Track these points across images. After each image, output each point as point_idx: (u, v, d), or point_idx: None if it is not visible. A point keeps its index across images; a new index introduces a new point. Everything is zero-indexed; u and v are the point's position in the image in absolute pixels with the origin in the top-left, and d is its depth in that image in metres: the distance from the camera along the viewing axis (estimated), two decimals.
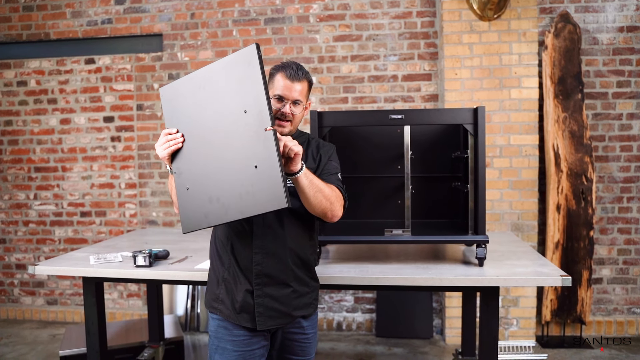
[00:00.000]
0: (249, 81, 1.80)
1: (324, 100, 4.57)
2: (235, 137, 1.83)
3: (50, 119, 4.93)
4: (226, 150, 1.85)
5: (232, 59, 1.84)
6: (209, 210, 1.89)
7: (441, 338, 4.40)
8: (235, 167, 1.84)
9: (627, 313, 4.42)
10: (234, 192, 1.84)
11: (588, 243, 4.12)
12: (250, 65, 1.79)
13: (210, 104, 1.89)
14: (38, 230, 5.02)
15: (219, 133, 1.87)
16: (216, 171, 1.88)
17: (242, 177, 1.82)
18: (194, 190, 1.92)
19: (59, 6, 4.85)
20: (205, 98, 1.89)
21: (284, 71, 2.03)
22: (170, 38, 4.73)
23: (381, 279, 2.29)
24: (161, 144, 1.93)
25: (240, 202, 1.84)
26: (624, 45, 4.30)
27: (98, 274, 2.56)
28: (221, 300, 2.02)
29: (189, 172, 1.93)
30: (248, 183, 1.82)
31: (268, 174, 1.78)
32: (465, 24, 4.11)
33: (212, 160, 1.88)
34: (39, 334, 4.65)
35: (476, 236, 2.43)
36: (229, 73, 1.85)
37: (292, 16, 4.58)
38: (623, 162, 4.35)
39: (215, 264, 2.09)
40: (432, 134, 2.91)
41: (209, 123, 1.89)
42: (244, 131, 1.81)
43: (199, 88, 1.91)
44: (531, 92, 4.09)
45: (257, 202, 1.81)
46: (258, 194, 1.81)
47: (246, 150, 1.81)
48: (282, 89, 2.02)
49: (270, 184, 1.79)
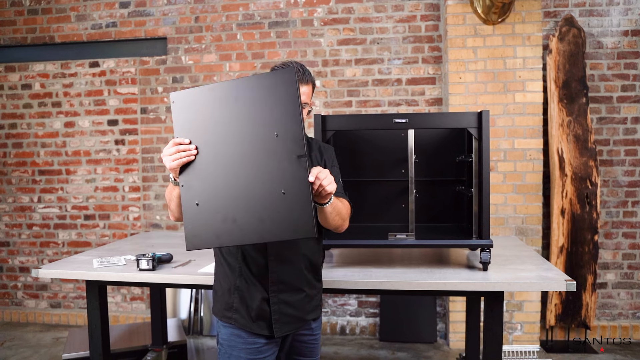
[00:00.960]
0: (284, 105, 1.76)
1: (328, 103, 4.57)
2: (262, 159, 1.77)
3: (55, 122, 4.94)
4: (249, 171, 1.78)
5: (267, 79, 1.79)
6: (222, 230, 1.81)
7: (445, 342, 4.38)
8: (259, 190, 1.78)
9: (632, 318, 4.39)
10: (254, 215, 1.78)
11: (592, 247, 4.10)
12: (287, 89, 1.76)
13: (235, 120, 1.80)
14: (42, 233, 5.03)
15: (243, 152, 1.79)
16: (235, 191, 1.80)
17: (265, 200, 1.77)
18: (206, 207, 1.82)
19: (64, 9, 4.87)
20: (230, 113, 1.80)
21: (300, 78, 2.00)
22: (174, 41, 4.74)
23: (385, 284, 2.28)
24: (170, 154, 1.80)
25: (261, 226, 1.78)
26: (629, 49, 4.29)
27: (101, 278, 2.55)
28: (235, 309, 1.99)
29: (200, 187, 1.82)
30: (272, 208, 1.77)
31: (297, 202, 1.75)
32: (469, 28, 4.11)
33: (231, 179, 1.80)
34: (42, 337, 4.65)
35: (480, 240, 2.42)
36: (262, 92, 1.79)
37: (297, 20, 4.58)
38: (628, 166, 4.33)
39: (223, 272, 2.04)
40: (436, 137, 2.91)
41: (231, 140, 1.80)
42: (274, 154, 1.76)
43: (222, 101, 1.82)
44: (535, 96, 4.08)
45: (281, 229, 1.78)
46: (283, 220, 1.77)
47: (273, 174, 1.77)
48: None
49: (299, 212, 1.76)
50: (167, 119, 4.77)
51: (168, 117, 4.77)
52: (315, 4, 4.55)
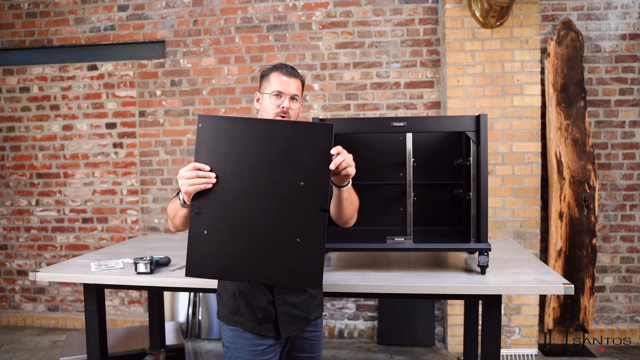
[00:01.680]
0: (315, 157, 1.78)
1: (326, 107, 4.57)
2: (282, 204, 1.79)
3: (53, 125, 4.94)
4: (267, 213, 1.79)
5: (305, 128, 1.81)
6: (227, 265, 1.81)
7: (443, 346, 4.38)
8: (273, 233, 1.79)
9: (630, 321, 4.39)
10: (264, 256, 1.79)
11: (591, 251, 4.10)
12: (323, 143, 1.78)
13: (262, 159, 1.79)
14: (40, 236, 5.02)
15: (264, 193, 1.79)
16: (248, 228, 1.79)
17: (278, 245, 1.79)
18: (214, 238, 1.80)
19: (62, 12, 4.87)
20: (258, 150, 1.79)
21: (279, 70, 2.09)
22: (172, 45, 4.74)
23: (383, 287, 2.28)
24: (188, 178, 1.76)
25: (268, 268, 1.80)
26: (627, 52, 4.30)
27: (99, 281, 2.55)
28: (241, 313, 2.03)
29: (212, 217, 1.79)
30: (284, 253, 1.78)
31: (310, 252, 1.78)
32: (467, 32, 4.11)
33: (246, 216, 1.79)
34: (40, 340, 4.64)
35: (478, 244, 2.42)
36: (296, 139, 1.80)
37: (295, 23, 4.59)
38: (626, 170, 4.34)
39: (224, 284, 2.10)
40: (434, 141, 2.90)
41: (254, 177, 1.79)
42: (296, 202, 1.78)
43: (253, 137, 1.79)
44: (533, 100, 4.09)
45: (289, 275, 1.80)
46: (293, 267, 1.79)
47: (291, 221, 1.79)
48: (280, 84, 2.06)
49: (310, 263, 1.79)
50: (165, 122, 4.77)
51: (166, 121, 4.77)
52: (313, 7, 4.56)
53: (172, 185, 4.78)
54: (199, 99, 4.72)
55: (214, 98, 4.70)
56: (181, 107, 4.75)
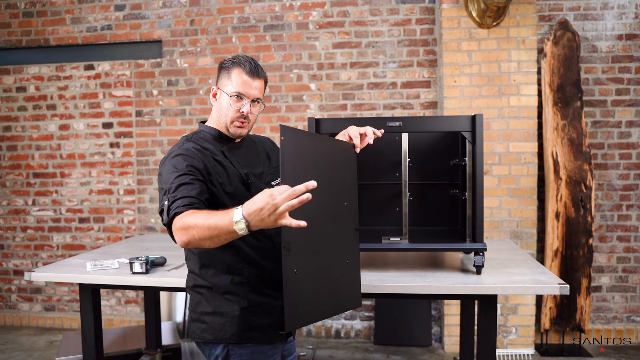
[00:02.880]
0: (353, 176, 1.76)
1: (323, 107, 4.57)
2: (337, 226, 1.66)
3: (49, 125, 4.93)
4: (331, 236, 1.63)
5: (349, 146, 1.81)
6: (312, 305, 1.58)
7: (440, 346, 4.38)
8: (335, 258, 1.65)
9: (626, 321, 4.40)
10: (331, 286, 1.65)
11: (587, 251, 4.10)
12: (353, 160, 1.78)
13: (327, 179, 1.62)
14: (36, 236, 5.01)
15: (327, 216, 1.62)
16: (321, 257, 1.60)
17: (339, 270, 1.68)
18: (302, 275, 1.54)
19: (59, 12, 4.86)
20: (325, 170, 1.63)
21: (242, 66, 1.88)
22: (169, 44, 4.73)
23: (378, 287, 2.28)
24: (287, 201, 1.39)
25: (335, 297, 1.65)
26: (623, 53, 4.30)
27: (94, 281, 2.54)
28: (255, 327, 1.86)
29: (299, 250, 1.52)
30: (341, 278, 1.69)
31: (355, 273, 1.76)
32: (464, 32, 4.12)
33: (319, 243, 1.57)
34: (36, 340, 4.63)
35: (474, 244, 2.42)
36: (344, 158, 1.74)
37: (292, 23, 4.59)
38: (622, 170, 4.34)
39: (224, 301, 1.88)
40: (430, 141, 2.91)
41: (322, 200, 1.57)
42: (343, 223, 1.70)
43: (324, 155, 1.64)
44: (530, 100, 4.09)
45: (347, 299, 1.71)
46: (348, 291, 1.70)
47: (342, 242, 1.70)
48: (242, 85, 1.87)
49: (356, 283, 1.76)
50: (162, 122, 4.76)
51: (163, 120, 4.76)
52: (310, 7, 4.56)
53: None
54: (195, 99, 4.72)
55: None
56: (178, 107, 4.74)
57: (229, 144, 1.97)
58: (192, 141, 1.91)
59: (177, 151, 1.85)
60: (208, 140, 1.94)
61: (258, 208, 1.43)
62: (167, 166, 1.81)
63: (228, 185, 1.85)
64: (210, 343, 1.89)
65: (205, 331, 1.88)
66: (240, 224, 1.46)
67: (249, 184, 1.89)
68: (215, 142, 1.94)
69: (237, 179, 1.88)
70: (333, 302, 1.71)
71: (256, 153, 2.05)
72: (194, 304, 1.93)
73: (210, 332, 1.87)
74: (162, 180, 1.80)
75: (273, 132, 4.61)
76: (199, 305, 1.91)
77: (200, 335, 1.89)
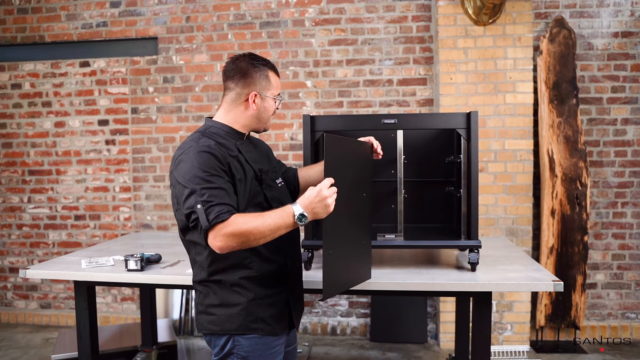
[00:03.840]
0: (370, 170, 2.18)
1: (319, 104, 4.57)
2: (359, 213, 2.07)
3: (45, 122, 4.92)
4: (353, 221, 2.02)
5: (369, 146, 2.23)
6: (348, 276, 2.05)
7: (436, 343, 4.39)
8: (355, 238, 2.06)
9: (621, 318, 4.41)
10: (354, 262, 2.08)
11: (582, 248, 4.12)
12: (370, 157, 2.21)
13: (355, 175, 2.02)
14: (32, 233, 5.00)
15: (353, 205, 2.02)
16: (350, 240, 2.02)
17: (357, 249, 2.09)
18: (336, 254, 1.91)
19: (54, 9, 4.84)
20: (353, 168, 2.01)
21: (273, 69, 2.06)
22: (165, 41, 4.72)
23: (373, 284, 2.28)
24: (331, 196, 1.79)
25: (360, 270, 2.13)
26: (619, 50, 4.31)
27: (89, 278, 2.54)
28: (261, 319, 1.93)
29: (333, 236, 1.89)
30: (359, 256, 2.12)
31: (368, 252, 2.19)
32: (460, 29, 4.12)
33: (348, 228, 2.00)
34: (32, 337, 4.63)
35: (469, 241, 2.43)
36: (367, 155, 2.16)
37: (288, 20, 4.58)
38: (617, 167, 4.35)
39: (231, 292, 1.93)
40: (426, 138, 2.91)
41: (350, 192, 1.97)
42: (362, 210, 2.10)
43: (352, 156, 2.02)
44: (526, 97, 4.10)
45: (359, 274, 2.14)
46: (361, 266, 2.14)
47: (360, 226, 2.09)
48: (279, 87, 2.08)
49: (369, 259, 2.22)
50: (158, 119, 4.75)
51: (159, 117, 4.75)
52: (306, 4, 4.55)
53: (165, 182, 4.76)
54: (191, 96, 4.71)
55: (207, 95, 4.69)
56: (174, 104, 4.74)
57: (240, 139, 2.03)
58: (207, 136, 1.94)
59: (199, 147, 1.86)
60: (222, 136, 1.97)
61: (312, 202, 1.76)
62: (191, 163, 1.82)
63: (244, 180, 1.92)
64: (217, 334, 1.94)
65: (212, 323, 1.93)
66: (302, 218, 1.76)
67: (261, 180, 1.99)
68: (229, 138, 1.99)
69: (251, 175, 1.96)
70: (354, 276, 2.08)
71: (261, 150, 2.15)
72: (201, 296, 1.98)
73: (216, 324, 1.92)
74: (184, 177, 1.82)
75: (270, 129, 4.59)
76: (207, 297, 1.95)
77: (207, 327, 1.94)
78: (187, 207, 1.79)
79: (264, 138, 4.58)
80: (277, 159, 2.30)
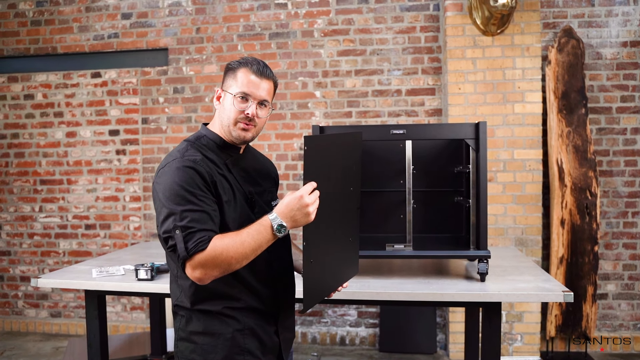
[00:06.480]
0: (358, 163, 1.97)
1: (328, 114, 4.59)
2: (343, 210, 1.91)
3: (56, 132, 4.97)
4: (338, 219, 1.88)
5: (356, 138, 1.97)
6: (327, 283, 1.85)
7: (445, 353, 4.37)
8: (339, 237, 1.91)
9: (632, 329, 4.37)
10: (340, 261, 1.92)
11: (593, 258, 4.09)
12: (359, 149, 1.98)
13: (339, 172, 1.84)
14: (43, 242, 5.04)
15: (337, 202, 1.84)
16: (332, 241, 1.84)
17: (342, 247, 1.93)
18: (317, 262, 1.71)
19: (67, 21, 4.91)
20: (338, 164, 1.83)
21: (248, 66, 1.75)
22: (175, 52, 4.77)
23: (382, 294, 2.29)
24: (313, 203, 1.60)
25: (344, 269, 1.95)
26: (628, 60, 4.31)
27: (100, 287, 2.56)
28: (247, 351, 1.75)
29: (314, 242, 1.68)
30: (345, 253, 1.95)
31: (356, 247, 2.02)
32: (468, 39, 4.13)
33: (330, 228, 1.79)
34: (42, 346, 4.65)
35: (478, 251, 2.42)
36: (353, 149, 1.95)
37: (297, 31, 4.61)
38: (627, 177, 4.33)
39: (218, 321, 1.75)
40: (434, 148, 2.92)
41: (333, 191, 1.78)
42: (348, 206, 1.93)
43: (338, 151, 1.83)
44: (535, 107, 4.10)
45: (344, 274, 1.96)
46: (345, 265, 1.96)
47: (347, 223, 1.94)
48: (248, 85, 1.72)
49: (356, 256, 2.04)
50: (168, 129, 4.79)
51: (169, 128, 4.79)
52: (315, 15, 4.58)
53: None
54: (201, 106, 4.74)
55: None
56: (184, 114, 4.77)
57: (232, 154, 1.81)
58: (195, 148, 1.74)
59: (183, 161, 1.66)
60: (211, 149, 1.77)
61: (291, 209, 1.59)
62: (172, 179, 1.64)
63: (232, 203, 1.73)
64: None
65: (194, 352, 1.74)
66: (281, 229, 1.59)
67: (253, 203, 1.80)
68: (218, 152, 1.78)
69: (241, 197, 1.76)
70: (338, 277, 1.91)
71: (259, 167, 1.94)
72: (183, 322, 1.78)
73: (199, 353, 1.73)
74: (164, 193, 1.63)
75: (278, 139, 4.64)
76: (189, 324, 1.76)
77: (189, 356, 1.75)
78: (164, 230, 1.60)
79: (273, 147, 4.62)
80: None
